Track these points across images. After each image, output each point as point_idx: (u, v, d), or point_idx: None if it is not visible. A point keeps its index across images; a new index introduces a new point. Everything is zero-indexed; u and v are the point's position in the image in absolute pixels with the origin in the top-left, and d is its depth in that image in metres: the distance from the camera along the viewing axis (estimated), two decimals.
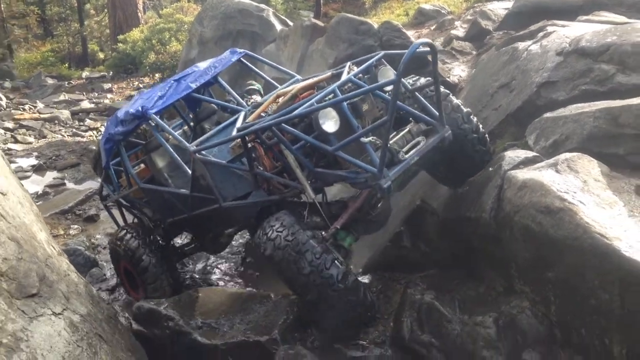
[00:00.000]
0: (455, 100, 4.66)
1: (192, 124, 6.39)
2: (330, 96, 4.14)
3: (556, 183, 3.71)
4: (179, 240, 6.79)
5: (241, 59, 6.16)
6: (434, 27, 10.43)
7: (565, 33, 5.89)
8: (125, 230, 5.82)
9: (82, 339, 3.20)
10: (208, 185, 4.80)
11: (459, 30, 9.40)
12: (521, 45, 6.28)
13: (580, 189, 3.67)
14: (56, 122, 16.15)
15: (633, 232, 3.29)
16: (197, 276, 6.67)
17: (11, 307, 2.86)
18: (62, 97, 19.46)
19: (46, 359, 2.81)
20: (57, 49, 32.30)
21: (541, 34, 6.23)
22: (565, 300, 3.69)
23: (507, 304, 4.09)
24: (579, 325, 3.58)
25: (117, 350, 3.56)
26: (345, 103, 4.04)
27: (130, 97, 19.36)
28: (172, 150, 5.18)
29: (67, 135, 15.03)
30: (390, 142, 3.99)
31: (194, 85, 5.61)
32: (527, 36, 6.57)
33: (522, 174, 4.00)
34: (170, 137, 5.35)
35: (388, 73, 4.41)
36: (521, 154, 4.36)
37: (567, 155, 4.03)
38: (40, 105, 18.16)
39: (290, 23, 12.64)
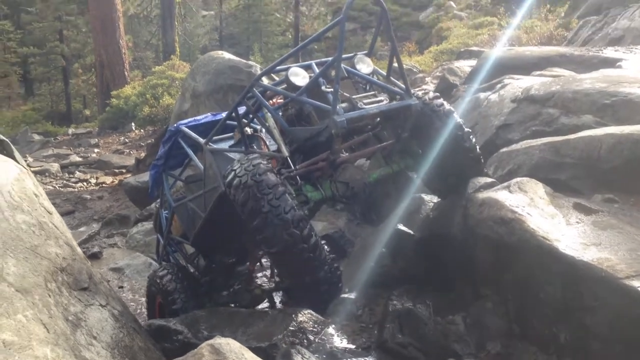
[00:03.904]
0: (449, 107, 4.88)
1: None
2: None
3: (509, 200, 4.44)
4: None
5: None
6: None
7: (519, 84, 6.85)
8: (165, 270, 5.81)
9: (123, 327, 3.82)
10: (214, 174, 4.84)
11: (430, 85, 10.49)
12: (482, 95, 7.23)
13: (528, 204, 4.40)
14: (47, 174, 16.73)
15: (569, 236, 4.01)
16: None
17: (71, 295, 3.52)
18: (50, 152, 20.13)
19: (100, 336, 3.45)
20: (39, 108, 33.12)
21: (499, 85, 7.19)
22: (520, 298, 4.34)
23: (474, 305, 4.76)
24: (531, 319, 4.20)
25: (147, 341, 4.19)
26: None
27: (117, 151, 20.08)
28: (196, 159, 5.35)
29: (58, 187, 15.59)
30: (354, 97, 4.33)
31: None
32: (488, 88, 7.54)
33: (482, 195, 4.71)
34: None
35: (365, 59, 4.71)
36: (481, 180, 5.03)
37: (518, 179, 4.77)
38: (30, 159, 18.74)
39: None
